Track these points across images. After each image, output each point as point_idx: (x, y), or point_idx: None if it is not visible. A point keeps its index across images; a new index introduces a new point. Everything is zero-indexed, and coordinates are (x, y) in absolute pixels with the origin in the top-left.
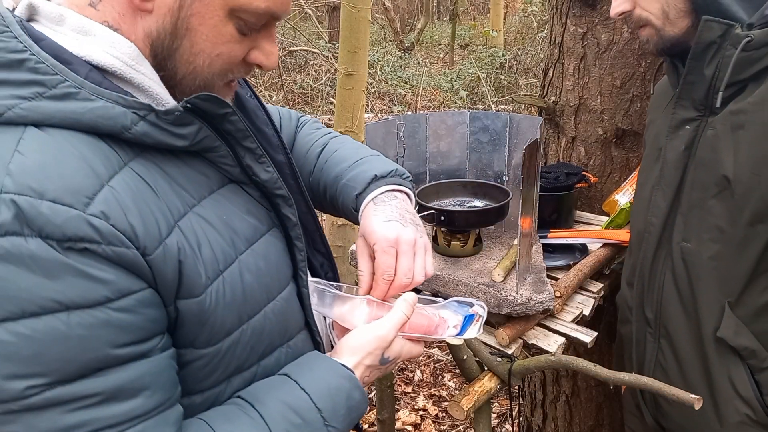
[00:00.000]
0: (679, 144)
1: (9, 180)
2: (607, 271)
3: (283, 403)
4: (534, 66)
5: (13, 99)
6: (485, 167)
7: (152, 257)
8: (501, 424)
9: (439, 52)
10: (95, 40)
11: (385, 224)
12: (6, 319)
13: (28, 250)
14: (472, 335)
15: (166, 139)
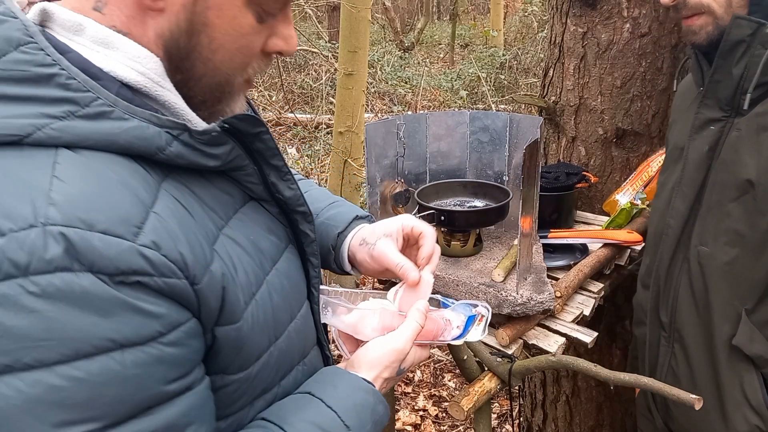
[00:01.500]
0: (702, 145)
1: (54, 211)
2: (607, 271)
3: (312, 423)
4: (534, 66)
5: (43, 118)
6: (485, 167)
7: (200, 286)
8: (501, 424)
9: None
10: (117, 54)
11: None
12: (58, 363)
13: (81, 286)
14: (476, 337)
15: (199, 160)
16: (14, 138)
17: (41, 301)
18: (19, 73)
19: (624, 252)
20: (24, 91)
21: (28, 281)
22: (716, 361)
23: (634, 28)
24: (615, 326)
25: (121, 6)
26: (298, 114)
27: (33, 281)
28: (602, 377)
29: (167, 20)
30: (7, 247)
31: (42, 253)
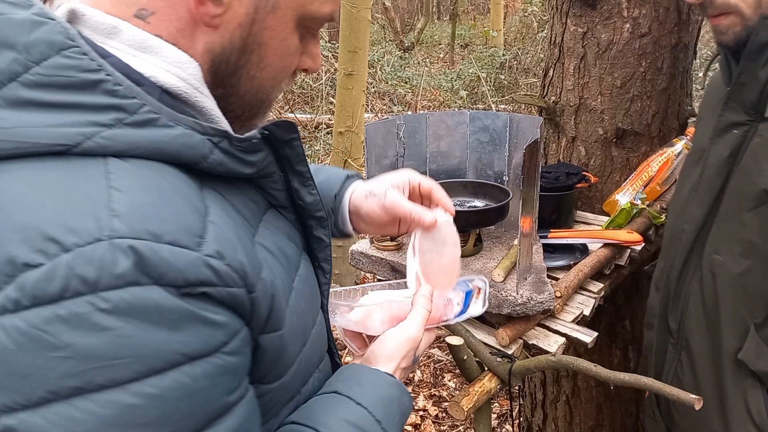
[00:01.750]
0: (723, 149)
1: (119, 223)
2: (607, 271)
3: (345, 421)
4: (534, 66)
5: (91, 126)
6: (485, 167)
7: (255, 294)
8: (501, 424)
9: (439, 51)
10: (157, 58)
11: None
12: (132, 381)
13: (153, 300)
14: (478, 311)
15: (237, 167)
16: (62, 148)
17: (113, 318)
18: (64, 79)
19: (624, 252)
20: (69, 98)
21: (99, 298)
22: (722, 373)
23: (634, 28)
24: (615, 326)
25: (172, 18)
26: (298, 114)
27: (103, 297)
28: (602, 377)
29: (220, 37)
30: (74, 262)
31: (112, 267)
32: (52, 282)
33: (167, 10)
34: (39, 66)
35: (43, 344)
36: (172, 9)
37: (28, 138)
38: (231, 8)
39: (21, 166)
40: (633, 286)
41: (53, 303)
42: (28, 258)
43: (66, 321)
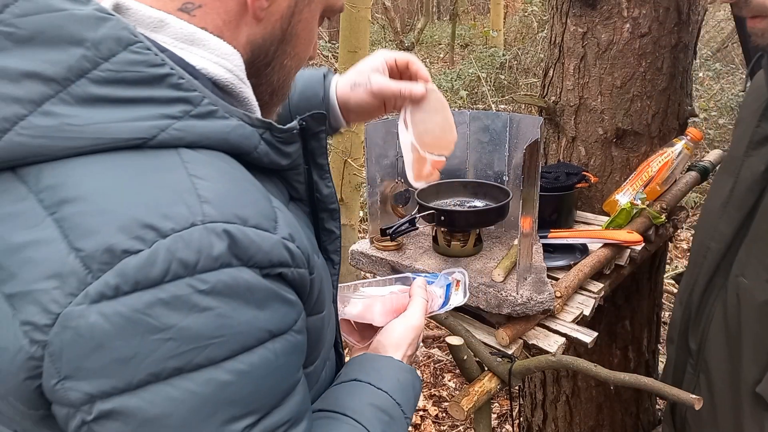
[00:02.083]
0: (758, 163)
1: (210, 208)
2: (607, 271)
3: (371, 405)
4: (534, 66)
5: (164, 119)
6: (485, 167)
7: (313, 276)
8: (501, 424)
9: (439, 51)
10: (204, 51)
11: (371, 56)
12: (227, 359)
13: (245, 281)
14: (459, 301)
15: (277, 158)
16: (139, 141)
17: (211, 299)
18: (133, 75)
19: (624, 252)
20: (140, 92)
21: (198, 280)
22: (740, 402)
23: (634, 28)
24: (615, 326)
25: (220, 11)
26: None
27: (202, 279)
28: (602, 377)
29: (262, 29)
30: (174, 247)
31: (209, 250)
32: (153, 267)
33: (215, 4)
34: (108, 62)
35: (145, 327)
36: (220, 2)
37: (107, 134)
38: (276, 1)
39: (98, 160)
40: (633, 286)
41: (154, 287)
42: (128, 245)
43: (167, 304)
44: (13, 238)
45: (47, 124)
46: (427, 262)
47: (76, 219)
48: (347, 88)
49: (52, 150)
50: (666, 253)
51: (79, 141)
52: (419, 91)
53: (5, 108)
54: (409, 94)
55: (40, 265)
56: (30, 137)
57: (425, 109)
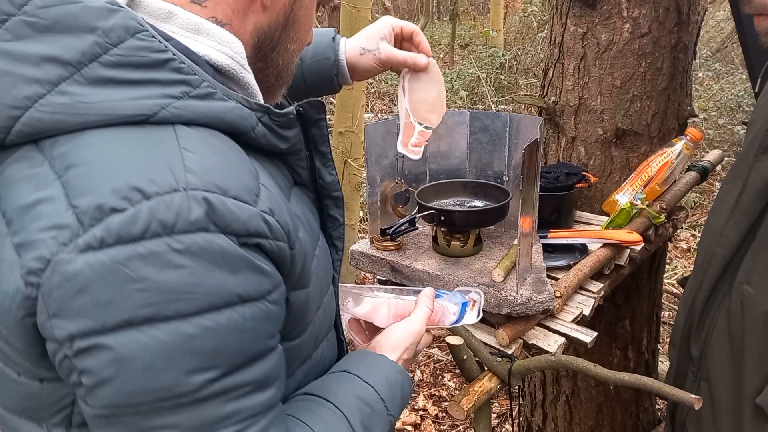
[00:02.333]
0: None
1: (193, 177)
2: (607, 271)
3: (354, 395)
4: (534, 66)
5: (165, 98)
6: (485, 167)
7: (295, 251)
8: (501, 424)
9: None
10: (208, 39)
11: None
12: (194, 315)
13: (219, 246)
14: (472, 320)
15: (275, 141)
16: (141, 117)
17: (185, 258)
18: (139, 59)
19: (624, 252)
20: (144, 75)
21: (174, 240)
22: (741, 414)
23: (634, 28)
24: (615, 326)
25: (229, 2)
26: None
27: (178, 240)
28: (602, 377)
29: (268, 16)
30: (155, 207)
31: (187, 214)
32: (135, 224)
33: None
34: (117, 48)
35: (122, 277)
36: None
37: (113, 111)
38: None
39: (104, 132)
40: (633, 286)
41: (134, 242)
42: (115, 204)
43: (144, 258)
44: (27, 198)
45: (63, 102)
46: (427, 262)
47: (76, 181)
48: (356, 52)
49: (66, 124)
50: (666, 253)
51: (89, 117)
52: (423, 62)
53: (27, 88)
54: (413, 64)
55: (44, 219)
56: (48, 113)
57: (423, 79)
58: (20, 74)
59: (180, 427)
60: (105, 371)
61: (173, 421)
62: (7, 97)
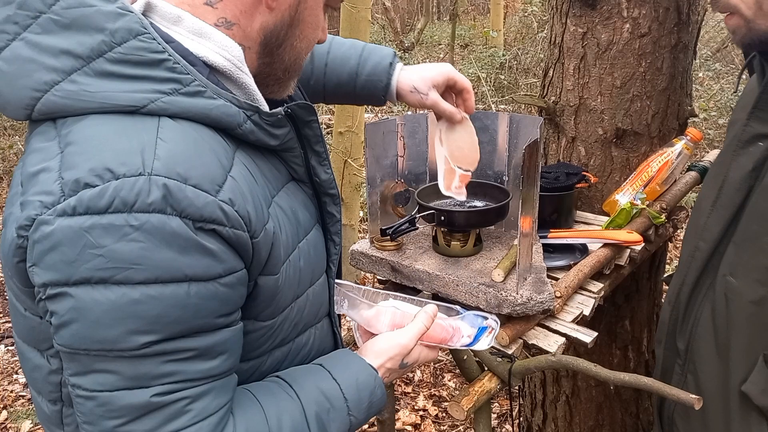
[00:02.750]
0: (746, 162)
1: (159, 164)
2: (607, 271)
3: (317, 387)
4: (534, 66)
5: (155, 93)
6: (485, 167)
7: (257, 240)
8: (501, 424)
9: (439, 52)
10: (209, 42)
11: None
12: (141, 283)
13: (170, 227)
14: (484, 347)
15: (264, 138)
16: (132, 108)
17: (139, 233)
18: (137, 57)
19: (624, 252)
20: (141, 72)
21: (132, 216)
22: (729, 404)
23: (634, 28)
24: (615, 326)
25: (237, 3)
26: None
27: (135, 217)
28: (602, 377)
29: (274, 17)
30: (120, 187)
31: (145, 196)
32: (101, 199)
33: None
34: (120, 46)
35: (85, 242)
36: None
37: (110, 100)
38: None
39: (100, 118)
40: (633, 286)
41: (99, 214)
42: (89, 180)
43: (105, 228)
44: (36, 166)
45: (72, 89)
46: (427, 262)
47: (69, 156)
48: (407, 88)
49: (73, 108)
50: (666, 253)
51: (90, 104)
52: (458, 118)
53: (46, 75)
54: (450, 117)
55: (40, 184)
56: (60, 98)
57: (459, 130)
58: (43, 62)
59: (120, 374)
60: (66, 315)
61: (115, 368)
62: (30, 81)
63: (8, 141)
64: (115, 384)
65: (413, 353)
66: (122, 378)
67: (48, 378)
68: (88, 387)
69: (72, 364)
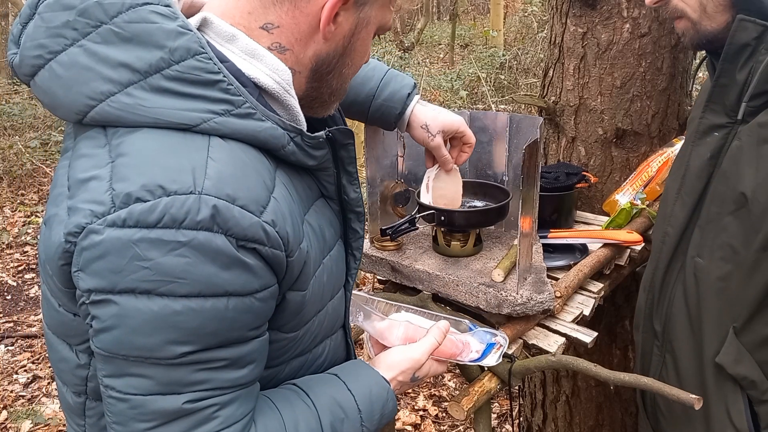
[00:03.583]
0: (704, 152)
1: (209, 183)
2: (607, 271)
3: (332, 398)
4: (534, 66)
5: (209, 113)
6: (485, 167)
7: (292, 259)
8: (501, 424)
9: (439, 52)
10: (261, 64)
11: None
12: (184, 296)
13: (216, 244)
14: (491, 363)
15: (303, 159)
16: (185, 126)
17: (185, 249)
18: (194, 76)
19: (624, 252)
20: (196, 91)
21: (180, 233)
22: (704, 377)
23: (634, 29)
24: (615, 326)
25: (294, 31)
26: None
27: (183, 234)
28: (602, 377)
29: (328, 46)
30: (170, 204)
31: (194, 215)
32: (152, 214)
33: (291, 26)
34: (178, 65)
35: (132, 254)
36: (296, 25)
37: (164, 117)
38: (341, 25)
39: (153, 133)
40: (633, 286)
41: (148, 228)
42: (140, 195)
43: (152, 242)
44: (86, 173)
45: (127, 102)
46: (427, 262)
47: (121, 168)
48: (418, 123)
49: (127, 120)
50: None
51: (144, 118)
52: (449, 168)
53: (103, 85)
54: (444, 164)
55: (90, 192)
56: (115, 109)
57: (446, 179)
58: (100, 72)
59: (155, 380)
60: (108, 321)
61: (150, 373)
62: (87, 89)
63: (8, 141)
64: (149, 388)
65: (424, 367)
66: (156, 383)
67: (75, 371)
68: (121, 389)
69: (108, 366)
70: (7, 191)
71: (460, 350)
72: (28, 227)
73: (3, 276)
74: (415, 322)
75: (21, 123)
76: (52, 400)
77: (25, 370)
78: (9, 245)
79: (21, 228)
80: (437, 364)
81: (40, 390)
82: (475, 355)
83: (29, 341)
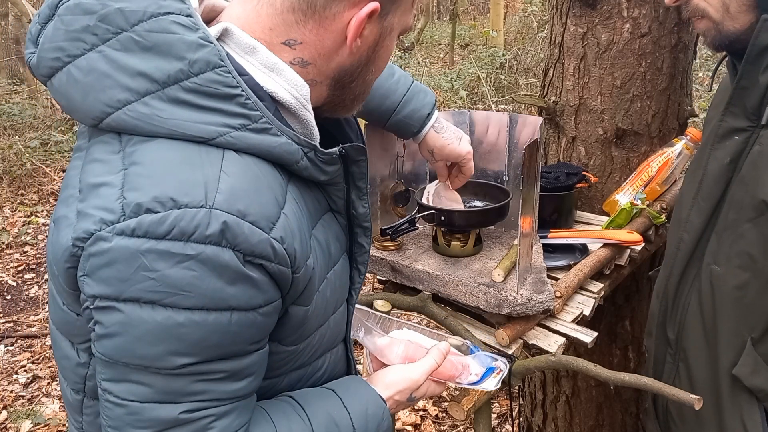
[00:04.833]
0: (723, 156)
1: (220, 198)
2: (607, 271)
3: (328, 414)
4: (534, 66)
5: (225, 127)
6: (485, 167)
7: (297, 275)
8: (501, 424)
9: (439, 52)
10: (280, 78)
11: (463, 143)
12: (188, 309)
13: (223, 259)
14: (490, 387)
15: (316, 174)
16: (201, 139)
17: (192, 262)
18: (213, 90)
19: (624, 252)
20: (213, 104)
21: (189, 246)
22: (719, 387)
23: (634, 28)
24: (615, 326)
25: (317, 47)
26: None
27: (192, 247)
28: (602, 377)
29: (351, 58)
30: (180, 217)
31: (204, 229)
32: (161, 225)
33: (315, 43)
34: (197, 77)
35: (140, 263)
36: (319, 42)
37: (180, 128)
38: (366, 38)
39: (168, 143)
40: (633, 286)
41: (156, 239)
42: (151, 206)
43: (160, 253)
44: (98, 178)
45: (144, 111)
46: (427, 262)
47: (133, 176)
48: (427, 146)
49: (142, 129)
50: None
51: (160, 129)
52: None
53: (121, 93)
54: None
55: (102, 198)
56: (131, 118)
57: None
58: (118, 80)
59: (153, 388)
60: (111, 328)
61: (149, 381)
62: (104, 96)
63: (8, 141)
64: (147, 396)
65: (422, 388)
66: (155, 391)
67: (75, 369)
68: (120, 395)
69: (108, 371)
70: (7, 191)
71: (459, 372)
72: (28, 227)
73: (3, 276)
74: (416, 341)
75: (21, 123)
76: (52, 400)
77: (24, 370)
78: (9, 245)
79: (21, 228)
80: (435, 385)
81: (40, 390)
82: (474, 378)
83: (29, 341)
